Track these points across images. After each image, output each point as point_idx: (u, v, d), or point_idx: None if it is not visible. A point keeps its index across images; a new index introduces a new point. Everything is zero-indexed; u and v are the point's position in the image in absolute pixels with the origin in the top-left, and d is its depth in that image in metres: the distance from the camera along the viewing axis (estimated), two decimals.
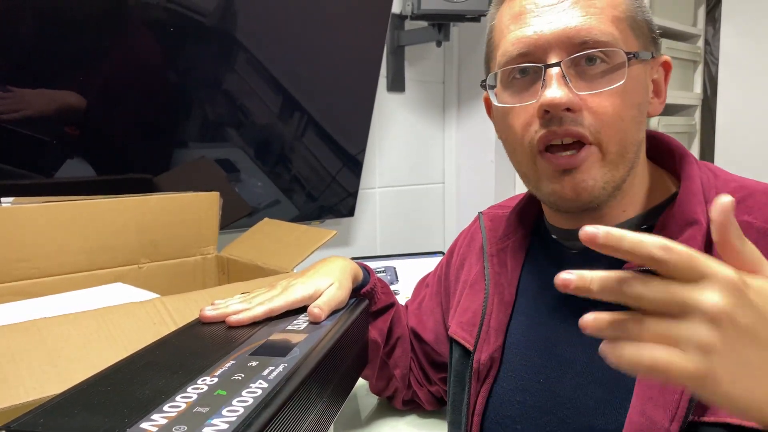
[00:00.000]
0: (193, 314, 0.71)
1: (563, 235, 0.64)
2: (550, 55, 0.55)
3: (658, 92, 0.61)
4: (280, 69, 1.31)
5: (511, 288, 0.66)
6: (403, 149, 1.73)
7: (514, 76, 0.58)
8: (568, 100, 0.53)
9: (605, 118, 0.54)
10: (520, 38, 0.56)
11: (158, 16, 1.11)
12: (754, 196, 0.55)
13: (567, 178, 0.55)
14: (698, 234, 0.53)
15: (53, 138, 1.05)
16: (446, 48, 1.77)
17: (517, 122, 0.57)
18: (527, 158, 0.58)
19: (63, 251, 0.90)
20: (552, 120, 0.54)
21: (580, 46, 0.54)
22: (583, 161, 0.54)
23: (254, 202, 1.38)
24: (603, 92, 0.54)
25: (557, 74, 0.54)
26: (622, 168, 0.56)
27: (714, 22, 2.16)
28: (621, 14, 0.55)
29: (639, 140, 0.57)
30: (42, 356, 0.63)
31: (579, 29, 0.54)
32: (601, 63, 0.54)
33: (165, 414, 0.39)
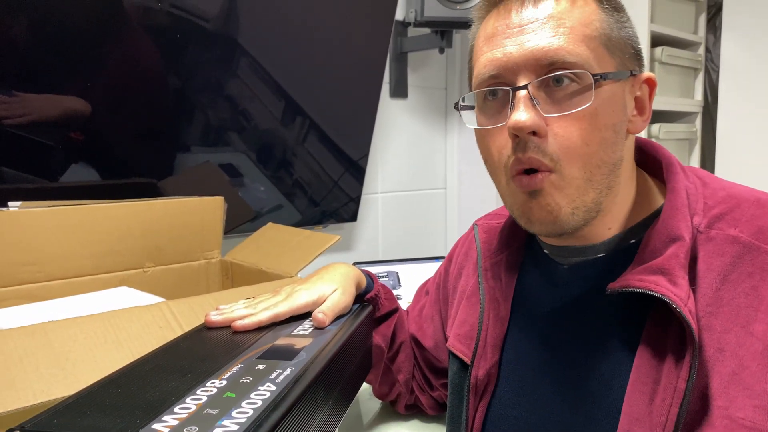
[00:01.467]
0: (198, 318, 0.72)
1: (553, 250, 0.64)
2: (519, 77, 0.54)
3: (641, 110, 0.59)
4: (283, 74, 1.32)
5: (506, 303, 0.66)
6: (406, 155, 1.74)
7: (487, 97, 0.58)
8: (533, 123, 0.53)
9: (568, 143, 0.53)
10: (491, 60, 0.56)
11: (162, 21, 1.12)
12: (741, 206, 0.54)
13: (534, 201, 0.55)
14: (680, 250, 0.52)
15: (59, 143, 1.06)
16: (449, 55, 1.78)
17: (493, 145, 0.58)
18: (504, 181, 0.58)
19: (69, 255, 0.90)
20: (519, 145, 0.54)
21: (548, 68, 0.53)
22: (542, 185, 0.54)
23: (257, 207, 1.39)
24: (570, 115, 0.53)
25: (524, 97, 0.53)
26: (592, 192, 0.55)
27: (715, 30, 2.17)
28: (593, 32, 0.54)
29: (612, 161, 0.55)
30: (49, 359, 0.63)
31: (546, 50, 0.53)
32: (570, 84, 0.53)
33: (176, 415, 0.40)
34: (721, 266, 0.52)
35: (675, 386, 0.50)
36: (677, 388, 0.49)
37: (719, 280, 0.52)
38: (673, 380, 0.50)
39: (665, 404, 0.50)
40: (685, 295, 0.50)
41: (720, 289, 0.51)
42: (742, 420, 0.48)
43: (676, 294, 0.50)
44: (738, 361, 0.49)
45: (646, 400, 0.52)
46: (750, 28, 1.94)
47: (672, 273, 0.51)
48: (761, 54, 1.92)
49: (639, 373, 0.53)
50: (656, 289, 0.51)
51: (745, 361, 0.49)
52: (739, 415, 0.48)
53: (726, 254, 0.52)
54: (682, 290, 0.51)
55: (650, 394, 0.52)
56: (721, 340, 0.50)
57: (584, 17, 0.54)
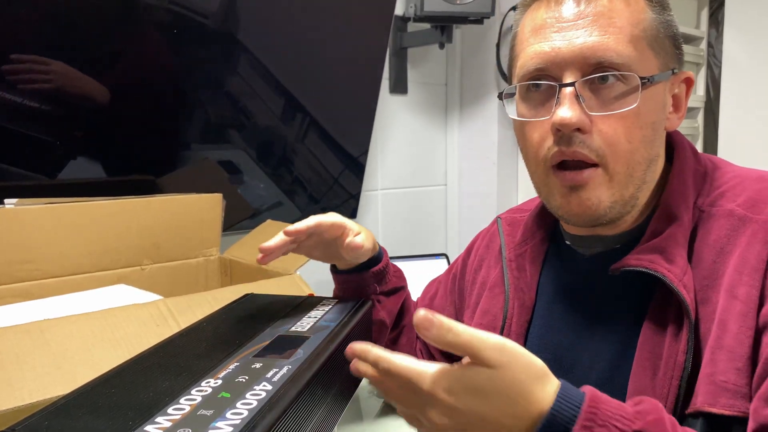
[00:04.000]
0: (196, 316, 0.71)
1: (576, 241, 0.66)
2: (566, 73, 0.55)
3: (677, 107, 0.61)
4: (282, 71, 1.31)
5: (531, 293, 0.67)
6: (406, 151, 1.73)
7: (530, 89, 0.59)
8: (579, 120, 0.54)
9: (613, 141, 0.55)
10: (538, 53, 0.56)
11: (161, 18, 1.11)
12: (743, 184, 0.56)
13: (574, 195, 0.57)
14: (678, 230, 0.55)
15: (57, 139, 1.06)
16: (449, 50, 1.77)
17: (534, 136, 0.58)
18: (541, 171, 0.59)
19: (66, 253, 0.90)
20: (563, 138, 0.55)
21: (596, 67, 0.54)
22: (587, 180, 0.56)
23: (256, 204, 1.39)
24: (614, 114, 0.55)
25: (570, 94, 0.54)
26: (631, 187, 0.57)
27: (717, 25, 2.16)
28: (641, 33, 0.55)
29: (650, 157, 0.58)
30: (45, 358, 0.63)
31: (596, 49, 0.54)
32: (616, 83, 0.55)
33: (169, 417, 0.39)
34: (717, 239, 0.54)
35: (675, 360, 0.52)
36: (677, 362, 0.52)
37: (715, 253, 0.54)
38: (673, 354, 0.52)
39: (667, 377, 0.52)
40: (681, 271, 0.53)
41: (716, 262, 0.54)
42: (724, 383, 0.49)
43: (670, 271, 0.53)
44: (722, 326, 0.51)
45: (650, 375, 0.54)
46: (752, 23, 1.93)
47: (668, 251, 0.54)
48: (764, 49, 1.91)
49: (642, 350, 0.55)
50: (651, 267, 0.54)
51: (728, 324, 0.51)
52: (722, 379, 0.50)
53: (722, 228, 0.54)
54: (677, 267, 0.53)
55: (653, 369, 0.54)
56: (714, 312, 0.52)
57: (634, 16, 0.55)
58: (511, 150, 1.74)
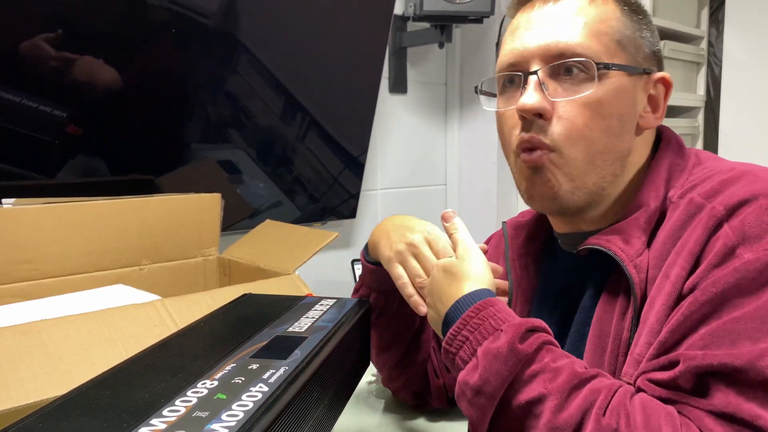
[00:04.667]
0: (194, 316, 0.71)
1: (562, 239, 0.68)
2: (532, 65, 0.59)
3: (654, 107, 0.62)
4: (282, 70, 1.31)
5: (531, 289, 0.70)
6: (405, 151, 1.73)
7: (505, 83, 0.63)
8: (539, 105, 0.57)
9: (570, 127, 0.57)
10: (510, 50, 0.61)
11: (161, 17, 1.11)
12: (713, 177, 0.57)
13: (536, 176, 0.59)
14: (642, 215, 0.57)
15: (55, 138, 1.05)
16: (448, 49, 1.77)
17: (506, 126, 0.62)
18: (512, 159, 0.63)
19: (64, 253, 0.90)
20: (525, 125, 0.59)
21: (557, 57, 0.58)
22: (542, 161, 0.58)
23: (256, 204, 1.38)
24: (576, 100, 0.57)
25: (534, 81, 0.58)
26: (594, 176, 0.58)
27: (717, 24, 2.15)
28: (607, 29, 0.58)
29: (620, 150, 0.59)
30: (42, 358, 0.63)
31: (558, 42, 0.58)
32: (578, 73, 0.57)
33: (164, 419, 0.39)
34: (673, 225, 0.55)
35: (621, 338, 0.55)
36: (622, 339, 0.55)
37: (668, 237, 0.55)
38: (619, 332, 0.55)
39: (613, 355, 0.55)
40: (635, 252, 0.55)
41: (665, 243, 0.55)
42: (637, 355, 0.52)
43: (623, 251, 0.55)
44: (651, 303, 0.53)
45: (600, 353, 0.57)
46: (753, 22, 1.92)
47: (627, 233, 0.56)
48: (764, 48, 1.91)
49: (594, 329, 0.58)
50: (605, 245, 0.56)
51: (655, 302, 0.52)
52: (637, 351, 0.52)
53: (680, 214, 0.55)
54: (632, 248, 0.55)
55: (602, 347, 0.56)
56: (657, 289, 0.53)
57: (600, 14, 0.59)
58: None
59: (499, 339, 0.52)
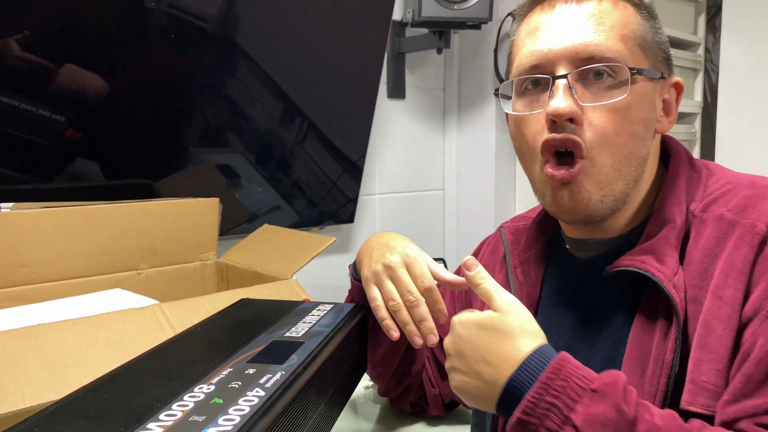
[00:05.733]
0: (191, 321, 0.71)
1: (574, 244, 0.66)
2: (559, 68, 0.57)
3: (668, 112, 0.62)
4: (281, 75, 1.32)
5: (535, 298, 0.69)
6: (403, 156, 1.73)
7: (527, 86, 0.61)
8: (571, 110, 0.56)
9: (602, 132, 0.56)
10: (533, 51, 0.59)
11: (160, 21, 1.11)
12: (734, 190, 0.57)
13: (565, 190, 0.58)
14: (671, 232, 0.56)
15: (54, 142, 1.06)
16: (446, 55, 1.78)
17: (529, 131, 0.60)
18: (537, 168, 0.60)
19: (62, 257, 0.90)
20: (555, 129, 0.57)
21: (587, 61, 0.57)
22: (577, 175, 0.57)
23: (254, 208, 1.38)
24: (605, 105, 0.56)
25: (564, 85, 0.56)
26: (620, 183, 0.58)
27: (714, 31, 2.16)
28: (630, 33, 0.58)
29: (642, 155, 0.59)
30: (40, 362, 0.63)
31: (587, 45, 0.56)
32: (607, 78, 0.57)
33: (161, 423, 0.39)
34: (706, 242, 0.55)
35: (663, 359, 0.53)
36: (665, 360, 0.53)
37: (704, 255, 0.55)
38: (662, 353, 0.54)
39: (655, 376, 0.54)
40: (671, 271, 0.54)
41: (703, 263, 0.55)
42: (705, 383, 0.51)
43: (660, 270, 0.54)
44: (706, 327, 0.52)
45: (639, 373, 0.55)
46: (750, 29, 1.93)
47: (660, 252, 0.55)
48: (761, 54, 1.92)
49: (632, 349, 0.56)
50: (642, 267, 0.55)
51: (712, 326, 0.52)
52: (703, 379, 0.51)
53: (712, 232, 0.55)
54: (668, 267, 0.54)
55: (642, 368, 0.55)
56: (701, 311, 0.53)
57: (623, 18, 0.58)
58: (508, 155, 1.74)
59: (601, 402, 0.46)
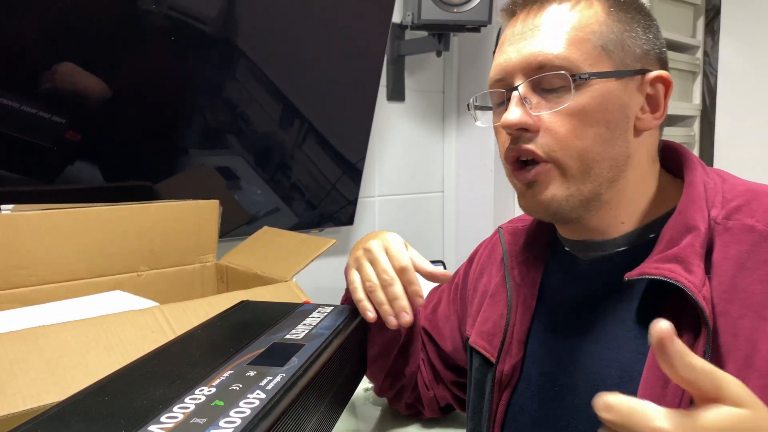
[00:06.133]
0: (191, 323, 0.71)
1: (573, 246, 0.66)
2: (516, 80, 0.59)
3: (654, 107, 0.61)
4: (280, 77, 1.32)
5: (532, 299, 0.68)
6: (403, 158, 1.73)
7: (494, 100, 0.64)
8: (520, 120, 0.57)
9: (562, 137, 0.57)
10: (496, 65, 0.62)
11: (160, 23, 1.12)
12: (759, 199, 0.56)
13: (529, 192, 0.60)
14: (696, 240, 0.55)
15: (54, 144, 1.06)
16: (446, 58, 1.78)
17: (499, 141, 0.63)
18: (508, 173, 0.63)
19: (62, 258, 0.90)
20: (513, 139, 0.59)
21: (538, 70, 0.58)
22: (537, 176, 0.58)
23: (254, 210, 1.39)
24: (558, 112, 0.57)
25: (516, 97, 0.58)
26: (589, 183, 0.58)
27: (713, 34, 2.17)
28: (588, 35, 0.57)
29: (614, 156, 0.58)
30: (40, 364, 0.63)
31: (537, 54, 0.58)
32: (557, 84, 0.57)
33: (162, 425, 0.39)
34: (738, 254, 0.54)
35: None
36: None
37: (735, 267, 0.53)
38: None
39: (679, 389, 0.51)
40: (700, 282, 0.53)
41: (736, 276, 0.53)
42: None
43: (690, 281, 0.52)
44: (751, 346, 0.50)
45: (661, 385, 0.53)
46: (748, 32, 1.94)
47: (687, 261, 0.54)
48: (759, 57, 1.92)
49: (654, 359, 0.54)
50: (671, 276, 0.53)
51: (758, 345, 0.50)
52: None
53: (743, 243, 0.54)
54: (696, 277, 0.53)
55: (664, 379, 0.53)
56: (736, 326, 0.52)
57: (581, 21, 0.58)
58: None
59: None
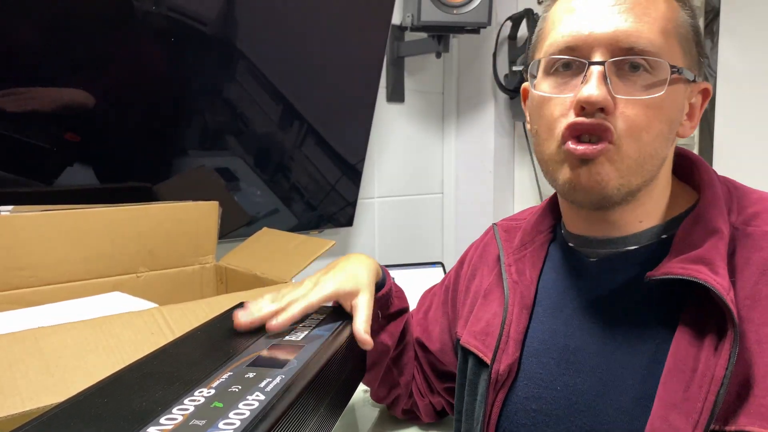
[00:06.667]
0: (191, 324, 0.71)
1: (581, 242, 0.65)
2: (596, 54, 0.55)
3: (691, 116, 0.61)
4: (280, 78, 1.32)
5: (530, 297, 0.67)
6: (402, 159, 1.74)
7: (558, 67, 0.58)
8: (604, 99, 0.53)
9: (633, 126, 0.54)
10: (571, 31, 0.56)
11: (159, 24, 1.12)
12: None
13: (584, 168, 0.56)
14: (720, 242, 0.54)
15: (53, 145, 1.06)
16: (446, 59, 1.78)
17: (552, 113, 0.57)
18: (554, 146, 0.58)
19: (61, 260, 0.90)
20: (584, 114, 0.55)
21: (627, 51, 0.54)
22: (599, 154, 0.55)
23: (253, 211, 1.39)
24: (639, 101, 0.54)
25: (599, 72, 0.54)
26: (639, 177, 0.56)
27: (712, 36, 2.17)
28: (673, 29, 0.56)
29: (663, 155, 0.57)
30: (39, 366, 0.63)
31: (629, 34, 0.54)
32: (644, 72, 0.54)
33: (162, 426, 0.39)
34: (760, 260, 0.53)
35: (713, 374, 0.50)
36: (715, 376, 0.50)
37: (758, 273, 0.53)
38: (711, 368, 0.51)
39: (702, 391, 0.50)
40: (727, 284, 0.52)
41: (758, 282, 0.52)
42: None
43: (718, 282, 0.51)
44: None
45: (683, 387, 0.52)
46: (747, 34, 1.94)
47: (713, 263, 0.53)
48: (759, 59, 1.92)
49: (675, 360, 0.53)
50: (700, 277, 0.52)
51: None
52: None
53: (764, 249, 0.53)
54: (724, 279, 0.52)
55: (686, 382, 0.52)
56: (759, 332, 0.51)
57: (668, 11, 0.56)
58: (507, 158, 1.74)
59: None
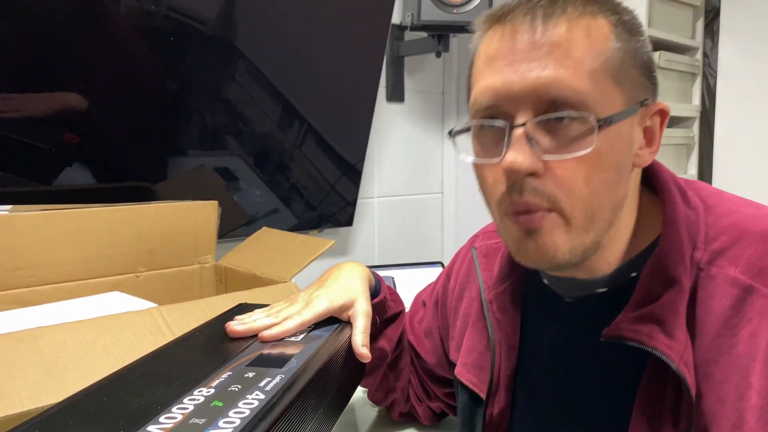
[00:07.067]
0: (190, 324, 0.71)
1: (554, 281, 0.62)
2: (518, 111, 0.50)
3: (650, 141, 0.55)
4: (280, 78, 1.32)
5: (515, 335, 0.64)
6: (402, 159, 1.73)
7: (483, 125, 0.53)
8: (529, 166, 0.49)
9: (568, 185, 0.50)
10: (489, 87, 0.52)
11: (159, 24, 1.11)
12: (743, 240, 0.51)
13: (530, 240, 0.52)
14: (677, 297, 0.51)
15: (52, 145, 1.05)
16: (445, 59, 1.78)
17: (488, 177, 0.54)
18: (498, 216, 0.55)
19: (60, 259, 0.89)
20: (515, 186, 0.51)
21: (549, 105, 0.49)
22: (541, 223, 0.51)
23: (252, 211, 1.38)
24: (569, 158, 0.49)
25: (521, 135, 0.49)
26: (592, 232, 0.52)
27: (713, 35, 2.17)
28: (602, 65, 0.49)
29: (615, 201, 0.53)
30: (38, 366, 0.63)
31: (549, 85, 0.48)
32: (572, 123, 0.49)
33: (161, 425, 0.39)
34: (721, 310, 0.50)
35: None
36: None
37: (719, 325, 0.50)
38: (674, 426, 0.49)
39: None
40: (681, 346, 0.49)
41: (720, 335, 0.50)
42: None
43: (670, 347, 0.49)
44: (739, 416, 0.47)
45: None
46: (748, 33, 1.94)
47: (667, 323, 0.50)
48: (759, 59, 1.92)
49: (635, 427, 0.52)
50: (649, 343, 0.50)
51: (745, 415, 0.47)
52: None
53: (726, 297, 0.50)
54: (678, 342, 0.49)
55: None
56: (720, 390, 0.49)
57: (594, 48, 0.50)
58: None
59: None
